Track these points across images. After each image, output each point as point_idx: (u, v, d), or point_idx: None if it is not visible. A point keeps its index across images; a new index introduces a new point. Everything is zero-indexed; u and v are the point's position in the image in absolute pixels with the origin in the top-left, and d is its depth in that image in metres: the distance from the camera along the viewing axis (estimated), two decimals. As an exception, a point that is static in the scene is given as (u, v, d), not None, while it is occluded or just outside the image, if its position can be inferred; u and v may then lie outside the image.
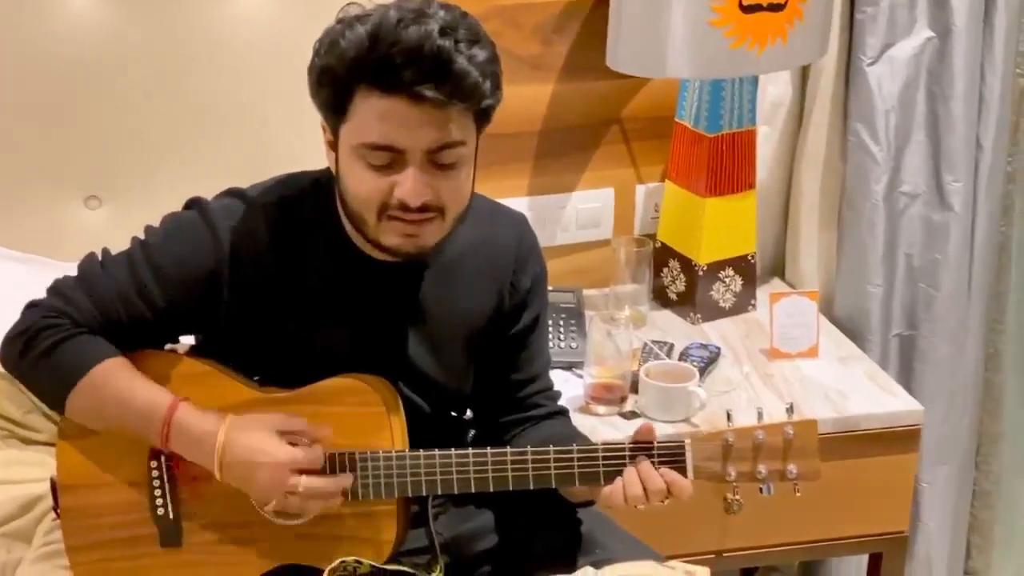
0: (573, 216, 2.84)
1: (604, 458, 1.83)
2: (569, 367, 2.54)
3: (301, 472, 1.79)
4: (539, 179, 2.80)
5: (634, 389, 2.44)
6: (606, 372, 2.44)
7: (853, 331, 2.78)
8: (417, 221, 1.76)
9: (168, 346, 1.97)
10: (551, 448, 1.84)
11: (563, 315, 2.62)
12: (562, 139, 2.80)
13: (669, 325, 2.75)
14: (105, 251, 1.92)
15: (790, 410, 1.86)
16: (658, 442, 1.84)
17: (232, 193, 1.91)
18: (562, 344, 2.58)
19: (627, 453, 1.83)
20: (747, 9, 2.47)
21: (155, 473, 1.89)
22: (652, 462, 1.81)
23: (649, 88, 2.79)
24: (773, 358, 2.61)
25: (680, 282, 2.77)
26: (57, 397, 1.87)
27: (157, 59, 2.48)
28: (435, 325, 1.94)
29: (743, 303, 2.79)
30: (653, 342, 2.59)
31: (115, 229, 2.39)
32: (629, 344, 2.45)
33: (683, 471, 1.82)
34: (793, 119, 2.85)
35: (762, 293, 2.79)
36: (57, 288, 1.89)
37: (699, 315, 2.74)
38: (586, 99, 2.77)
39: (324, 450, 1.82)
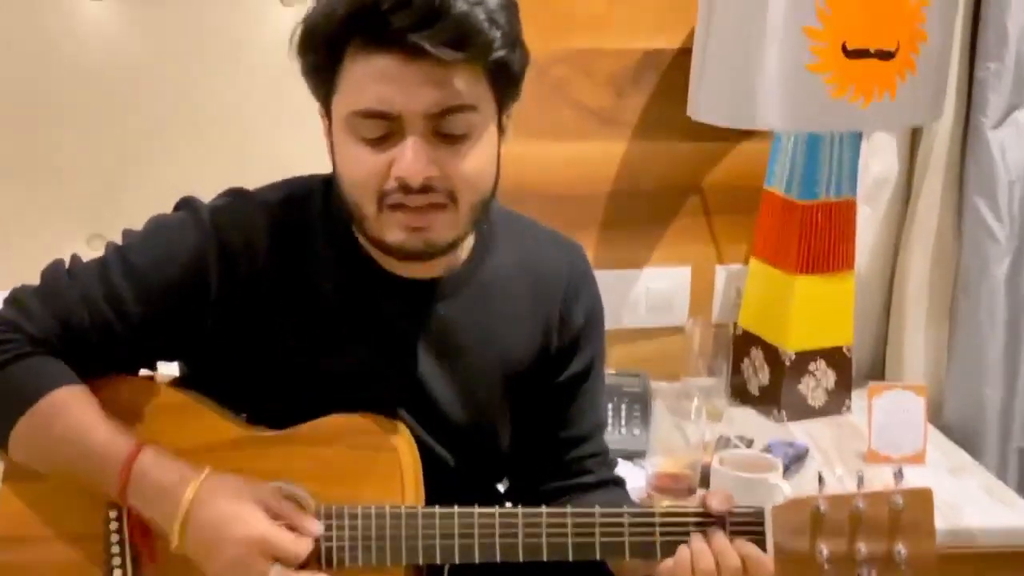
0: (643, 296, 2.54)
1: (663, 525, 1.49)
2: (630, 457, 2.19)
3: (276, 560, 1.46)
4: (605, 251, 2.50)
5: (704, 483, 2.07)
6: (673, 462, 2.08)
7: (965, 441, 2.42)
8: (422, 208, 1.45)
9: (143, 372, 1.65)
10: (596, 509, 1.50)
11: (626, 399, 2.29)
12: (633, 206, 2.50)
13: (749, 423, 2.40)
14: (74, 257, 1.63)
15: (899, 475, 1.49)
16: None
17: (230, 192, 1.63)
18: (623, 431, 2.26)
19: (693, 520, 1.47)
20: (852, 54, 2.16)
21: (114, 526, 1.57)
22: (726, 532, 1.47)
23: (736, 153, 2.50)
24: (871, 462, 2.23)
25: (763, 374, 2.41)
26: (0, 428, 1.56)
27: (164, 94, 2.28)
28: (465, 359, 1.63)
29: (836, 403, 2.42)
30: (733, 436, 2.24)
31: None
32: (701, 436, 2.11)
33: (761, 546, 1.46)
34: (899, 198, 2.54)
35: (859, 396, 2.42)
36: (14, 297, 1.60)
37: (784, 412, 2.37)
38: (663, 162, 2.49)
39: (313, 545, 1.49)
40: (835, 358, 2.41)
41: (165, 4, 2.23)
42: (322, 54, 1.46)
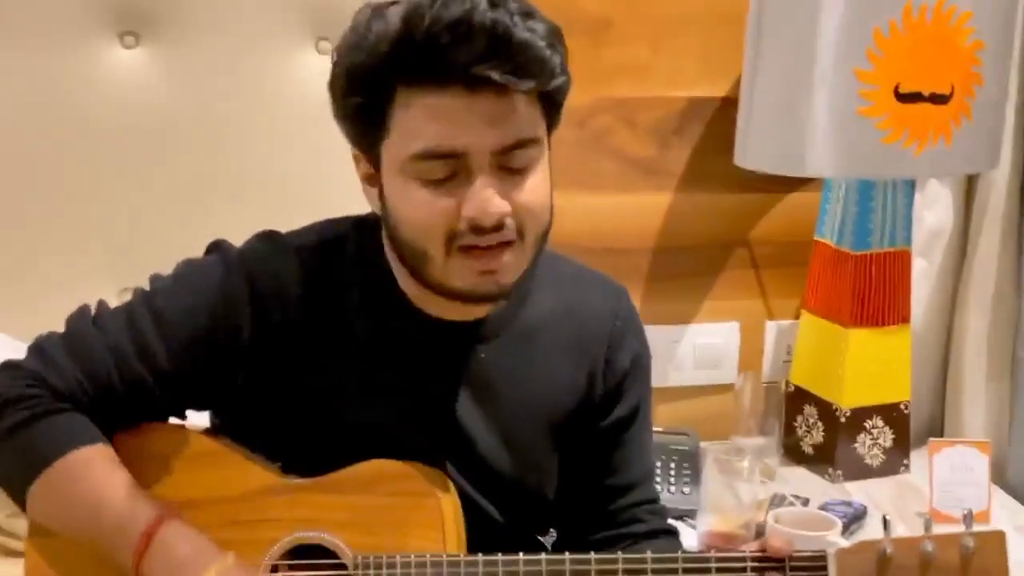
0: (689, 353, 2.45)
1: (720, 570, 1.41)
2: (680, 516, 2.10)
3: None
4: (650, 306, 2.40)
5: (759, 541, 1.98)
6: (725, 521, 1.99)
7: (1032, 501, 2.30)
8: (494, 249, 1.39)
9: (174, 420, 1.58)
10: (648, 554, 1.42)
11: (675, 458, 2.21)
12: (679, 259, 2.42)
13: (803, 482, 2.30)
14: (100, 303, 1.57)
15: (968, 518, 1.41)
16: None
17: (262, 236, 1.56)
18: (672, 490, 2.18)
19: (749, 564, 1.39)
20: (904, 98, 2.08)
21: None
22: None
23: (784, 204, 2.42)
24: (933, 521, 2.12)
25: (817, 432, 2.32)
26: (19, 486, 1.49)
27: (196, 143, 2.24)
28: (506, 404, 1.55)
29: (894, 463, 2.32)
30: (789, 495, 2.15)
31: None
32: (753, 496, 2.02)
33: (825, 592, 1.37)
34: (955, 250, 2.45)
35: (917, 456, 2.32)
36: (39, 347, 1.53)
37: (840, 472, 2.28)
38: (709, 213, 2.41)
39: None
40: (892, 415, 2.31)
41: (197, 52, 2.19)
42: (368, 95, 1.38)
